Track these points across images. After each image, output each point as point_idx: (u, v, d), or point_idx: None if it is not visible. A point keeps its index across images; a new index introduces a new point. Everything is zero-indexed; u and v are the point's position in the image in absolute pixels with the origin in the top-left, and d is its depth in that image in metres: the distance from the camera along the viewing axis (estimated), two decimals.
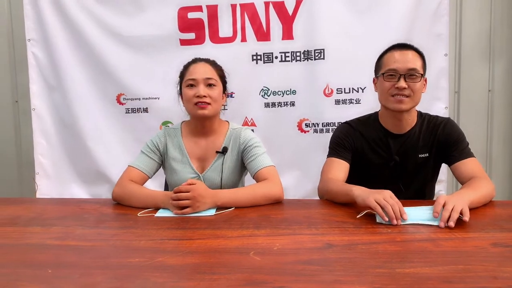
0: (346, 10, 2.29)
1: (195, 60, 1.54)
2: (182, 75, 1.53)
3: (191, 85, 1.47)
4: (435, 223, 1.08)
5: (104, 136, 2.48)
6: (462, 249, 0.92)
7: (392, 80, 1.40)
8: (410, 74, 1.38)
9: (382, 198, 1.12)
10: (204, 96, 1.44)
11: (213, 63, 1.54)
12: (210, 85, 1.47)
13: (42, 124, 2.51)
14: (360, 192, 1.22)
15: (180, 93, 1.55)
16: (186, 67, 1.53)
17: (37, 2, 2.40)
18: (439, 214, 1.08)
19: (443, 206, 1.09)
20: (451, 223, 1.05)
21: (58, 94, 2.48)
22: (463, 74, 2.60)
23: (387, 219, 1.09)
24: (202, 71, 1.47)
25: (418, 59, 1.41)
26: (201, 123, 1.52)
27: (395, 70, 1.39)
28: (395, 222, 1.08)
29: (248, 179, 1.64)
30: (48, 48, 2.44)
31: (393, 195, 1.15)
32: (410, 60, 1.39)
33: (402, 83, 1.37)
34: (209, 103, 1.45)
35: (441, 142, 1.46)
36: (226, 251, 0.94)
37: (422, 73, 1.41)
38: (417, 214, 1.14)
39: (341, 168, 1.47)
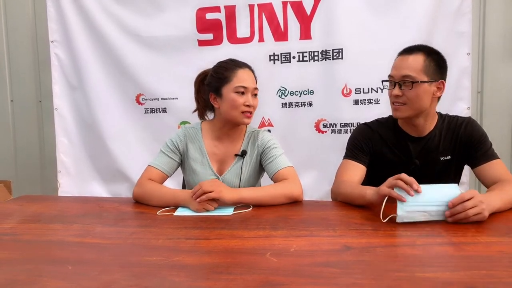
0: (365, 9, 2.26)
1: (241, 65, 1.48)
2: (225, 78, 1.45)
3: (241, 92, 1.45)
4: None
5: (124, 136, 2.53)
6: (486, 254, 0.89)
7: (391, 87, 1.40)
8: (404, 82, 1.35)
9: (391, 180, 1.13)
10: (251, 106, 1.46)
11: (253, 71, 1.52)
12: (255, 94, 1.49)
13: (64, 123, 2.58)
14: (372, 190, 1.22)
15: (218, 93, 1.47)
16: (232, 70, 1.45)
17: (60, 5, 2.47)
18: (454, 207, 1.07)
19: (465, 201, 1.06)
20: (450, 220, 1.08)
21: (79, 94, 2.55)
22: (486, 73, 2.52)
23: (405, 199, 1.08)
24: (251, 80, 1.47)
25: (420, 64, 1.33)
26: (232, 128, 1.52)
27: (392, 77, 1.39)
28: (412, 193, 1.08)
29: (264, 181, 1.63)
30: (70, 49, 2.51)
31: (398, 175, 1.14)
32: (406, 66, 1.34)
33: (395, 91, 1.36)
34: (252, 112, 1.47)
35: (464, 143, 1.42)
36: (243, 252, 0.94)
37: (425, 79, 1.32)
38: (435, 193, 1.11)
39: (356, 171, 1.44)
